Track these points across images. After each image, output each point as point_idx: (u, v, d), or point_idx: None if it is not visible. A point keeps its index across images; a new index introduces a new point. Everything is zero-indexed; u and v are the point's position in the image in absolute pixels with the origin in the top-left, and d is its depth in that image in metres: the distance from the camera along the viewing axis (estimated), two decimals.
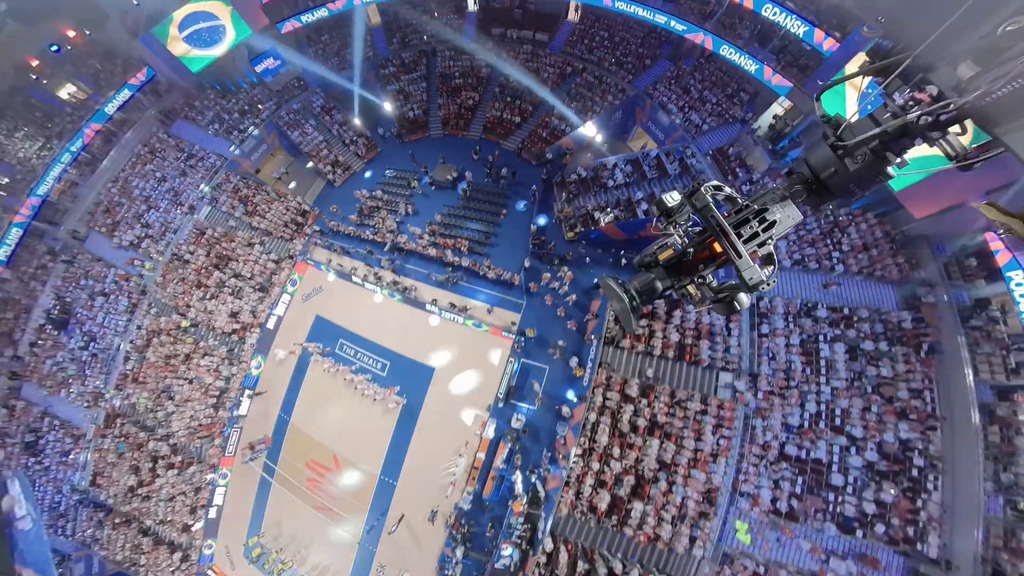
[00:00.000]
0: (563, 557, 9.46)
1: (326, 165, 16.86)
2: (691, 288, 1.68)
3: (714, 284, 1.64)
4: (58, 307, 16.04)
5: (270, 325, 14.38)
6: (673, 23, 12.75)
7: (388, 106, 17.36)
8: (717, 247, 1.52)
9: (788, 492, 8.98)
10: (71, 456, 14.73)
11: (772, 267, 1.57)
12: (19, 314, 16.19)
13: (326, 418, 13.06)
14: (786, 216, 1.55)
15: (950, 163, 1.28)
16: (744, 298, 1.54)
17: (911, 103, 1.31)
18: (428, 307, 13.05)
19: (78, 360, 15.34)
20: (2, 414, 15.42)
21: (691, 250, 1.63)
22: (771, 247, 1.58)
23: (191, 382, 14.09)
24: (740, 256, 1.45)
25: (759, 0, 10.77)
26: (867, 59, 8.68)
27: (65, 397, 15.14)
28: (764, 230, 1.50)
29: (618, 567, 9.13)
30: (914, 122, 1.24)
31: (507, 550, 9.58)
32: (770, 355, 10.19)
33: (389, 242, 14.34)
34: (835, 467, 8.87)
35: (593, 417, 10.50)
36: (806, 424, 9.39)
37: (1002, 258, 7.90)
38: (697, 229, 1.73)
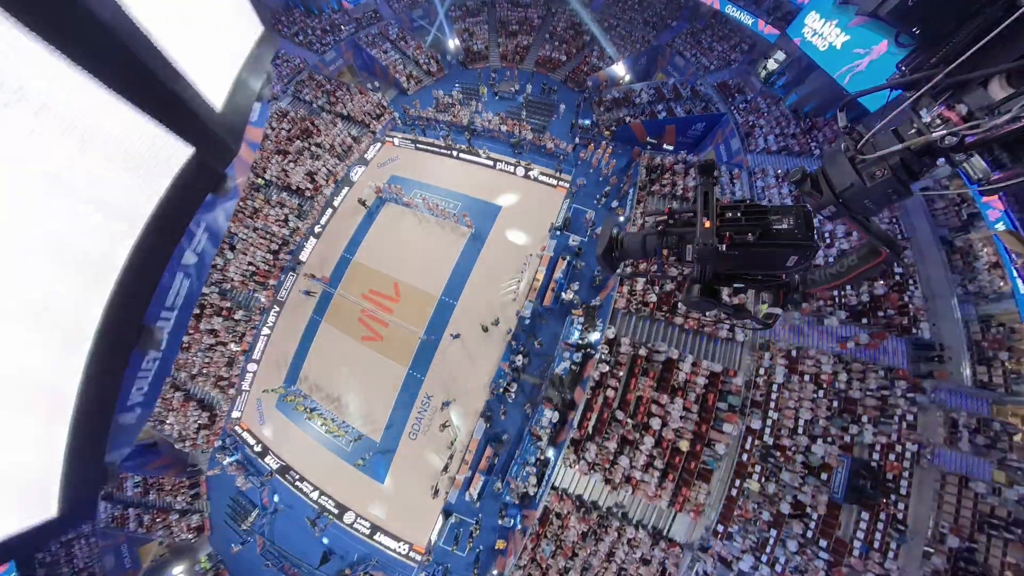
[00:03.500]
0: (624, 347, 11.20)
1: (401, 76, 19.88)
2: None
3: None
4: None
5: (342, 194, 16.59)
6: None
7: (453, 43, 20.90)
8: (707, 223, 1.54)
9: None
10: None
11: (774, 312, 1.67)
12: None
13: (390, 253, 15.02)
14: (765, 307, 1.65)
15: (972, 186, 1.22)
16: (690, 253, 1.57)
17: (938, 121, 1.20)
18: (498, 166, 16.02)
19: None
20: None
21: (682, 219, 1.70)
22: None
23: (256, 231, 15.73)
24: (699, 225, 1.51)
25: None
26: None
27: None
28: (747, 220, 1.54)
29: (674, 354, 10.91)
30: (938, 142, 1.17)
31: (566, 354, 11.47)
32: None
33: (467, 119, 17.17)
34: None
35: (634, 228, 13.38)
36: None
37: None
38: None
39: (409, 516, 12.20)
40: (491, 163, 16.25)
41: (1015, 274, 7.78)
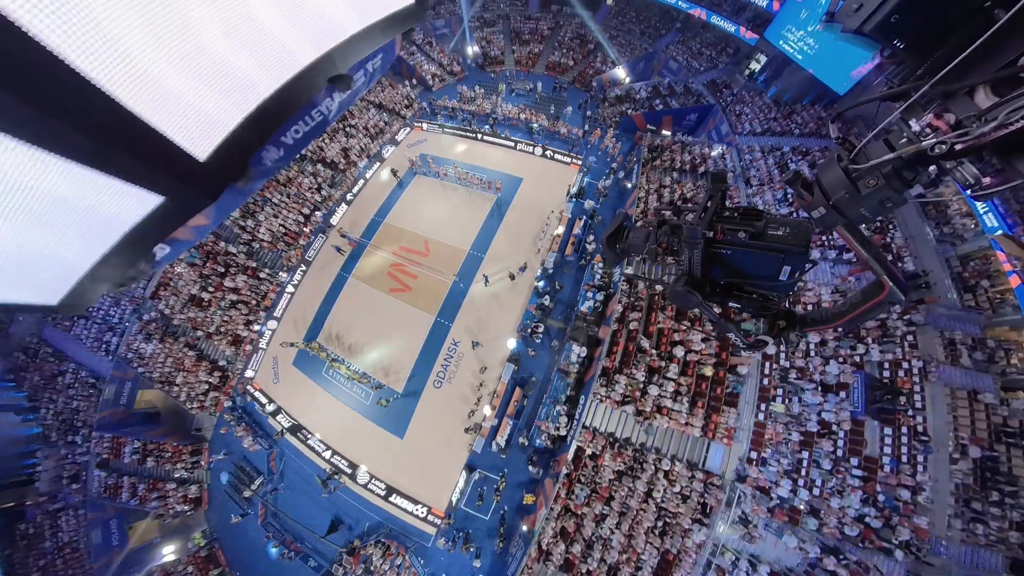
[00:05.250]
0: (641, 289, 11.81)
1: (427, 75, 22.26)
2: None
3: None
4: None
5: (373, 167, 18.16)
6: (680, 3, 20.07)
7: (472, 49, 23.55)
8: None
9: None
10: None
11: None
12: None
13: (420, 216, 16.22)
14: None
15: (965, 191, 1.24)
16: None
17: (928, 130, 1.24)
18: (518, 147, 17.77)
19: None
20: None
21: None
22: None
23: (289, 197, 16.92)
24: (689, 220, 1.58)
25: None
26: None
27: None
28: (743, 220, 1.59)
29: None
30: (929, 150, 1.20)
31: (589, 294, 12.44)
32: None
33: (489, 109, 19.17)
34: None
35: (641, 193, 15.05)
36: None
37: (1013, 281, 8.40)
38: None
39: (428, 474, 11.66)
40: (512, 144, 18.07)
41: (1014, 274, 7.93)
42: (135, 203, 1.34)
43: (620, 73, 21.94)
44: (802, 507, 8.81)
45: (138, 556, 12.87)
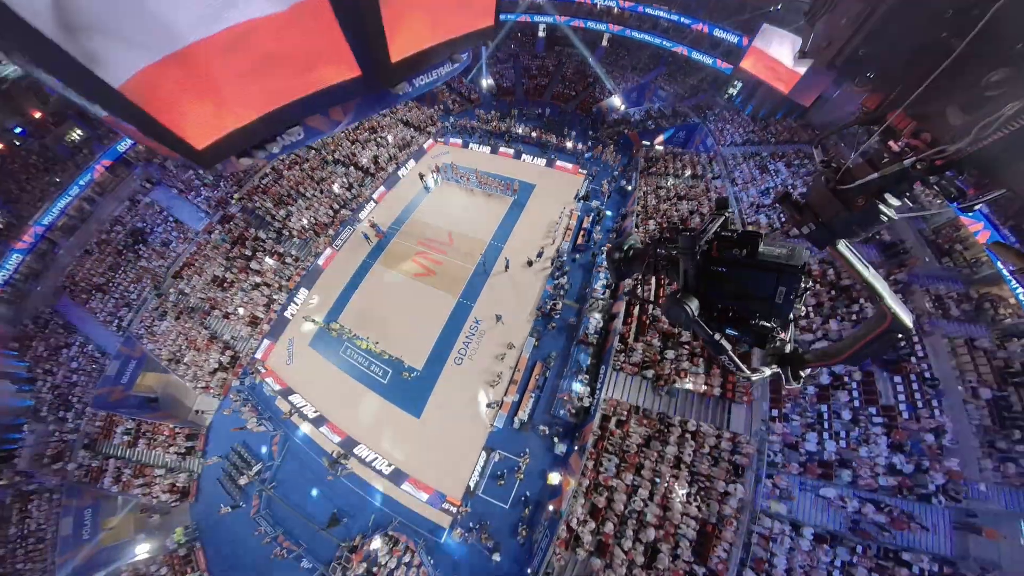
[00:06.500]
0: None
1: (448, 100, 25.22)
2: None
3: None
4: None
5: (401, 172, 20.14)
6: (664, 43, 23.62)
7: (487, 81, 26.91)
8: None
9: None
10: (170, 247, 16.52)
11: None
12: None
13: (444, 213, 17.64)
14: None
15: (952, 204, 1.27)
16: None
17: (907, 149, 1.30)
18: (532, 160, 19.94)
19: (218, 172, 18.09)
20: (125, 204, 17.70)
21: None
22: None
23: (322, 192, 18.36)
24: (691, 235, 1.60)
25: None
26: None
27: (192, 198, 17.63)
28: (740, 241, 1.61)
29: None
30: (911, 168, 1.25)
31: (602, 273, 13.52)
32: None
33: (504, 128, 21.67)
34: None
35: (640, 193, 16.69)
36: None
37: (981, 239, 8.91)
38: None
39: (445, 456, 11.12)
40: (526, 157, 20.25)
41: (1015, 284, 8.26)
42: (342, 70, 2.07)
43: (616, 101, 24.96)
44: (833, 458, 8.89)
45: (107, 554, 11.57)
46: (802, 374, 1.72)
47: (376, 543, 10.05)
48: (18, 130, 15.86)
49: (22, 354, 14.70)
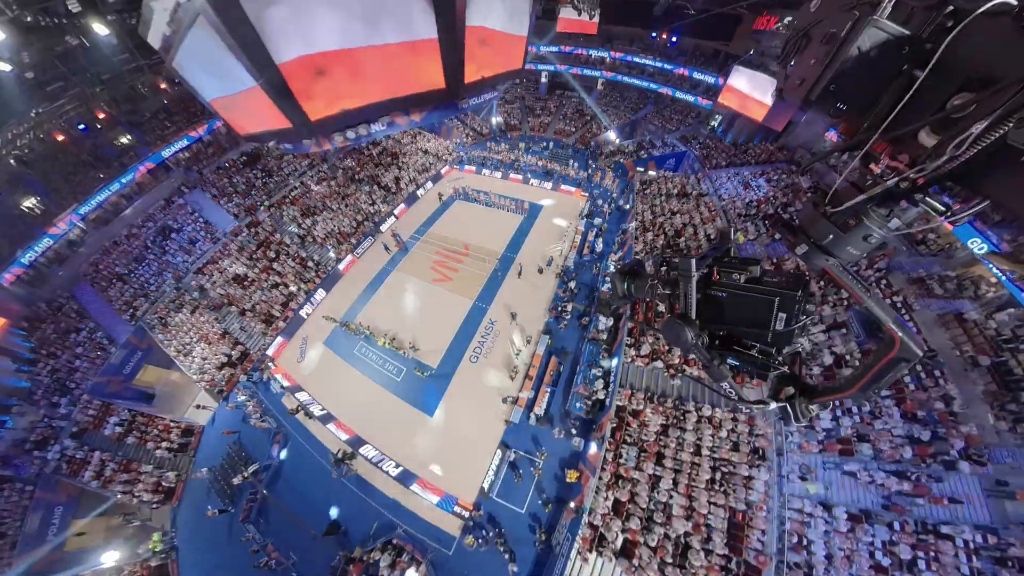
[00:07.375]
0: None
1: (461, 134, 28.41)
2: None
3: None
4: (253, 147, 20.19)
5: (420, 192, 22.50)
6: (652, 85, 27.15)
7: (496, 119, 30.48)
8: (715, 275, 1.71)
9: None
10: (196, 245, 17.10)
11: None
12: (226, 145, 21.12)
13: (460, 227, 19.35)
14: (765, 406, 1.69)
15: (942, 217, 1.33)
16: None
17: (887, 170, 1.35)
18: (539, 184, 22.26)
19: (250, 181, 20.02)
20: (159, 204, 18.47)
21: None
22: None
23: (346, 205, 20.21)
24: (689, 270, 1.60)
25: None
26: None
27: (223, 204, 18.55)
28: (740, 266, 1.66)
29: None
30: (895, 187, 1.30)
31: (608, 278, 14.71)
32: None
33: (513, 158, 24.35)
34: None
35: (638, 210, 18.27)
36: None
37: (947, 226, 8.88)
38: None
39: (458, 456, 10.63)
40: (533, 182, 22.68)
41: (992, 266, 8.57)
42: (434, 82, 2.86)
43: (611, 135, 28.09)
44: (851, 434, 9.04)
45: (71, 557, 10.56)
46: (811, 409, 1.68)
47: (378, 554, 9.22)
48: (81, 126, 16.33)
49: (30, 334, 14.15)
